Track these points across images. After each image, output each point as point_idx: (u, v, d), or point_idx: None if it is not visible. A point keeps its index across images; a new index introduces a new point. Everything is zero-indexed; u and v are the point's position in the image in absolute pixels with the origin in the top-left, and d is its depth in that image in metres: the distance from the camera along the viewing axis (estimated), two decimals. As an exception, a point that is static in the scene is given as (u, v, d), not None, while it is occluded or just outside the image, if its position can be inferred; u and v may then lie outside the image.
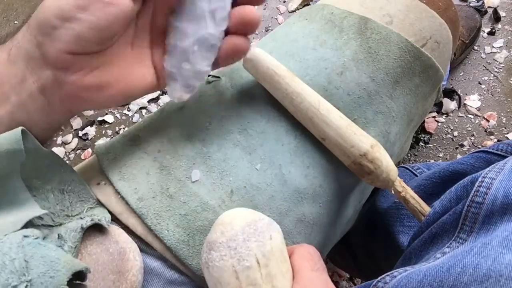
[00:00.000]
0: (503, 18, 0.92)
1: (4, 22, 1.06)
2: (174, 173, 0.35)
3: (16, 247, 0.26)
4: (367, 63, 0.39)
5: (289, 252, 0.30)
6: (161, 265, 0.35)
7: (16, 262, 0.25)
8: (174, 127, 0.37)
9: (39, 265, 0.26)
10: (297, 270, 0.28)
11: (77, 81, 0.28)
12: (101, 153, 0.37)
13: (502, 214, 0.28)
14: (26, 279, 0.25)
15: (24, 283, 0.25)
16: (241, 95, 0.38)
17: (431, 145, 0.84)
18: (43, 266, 0.26)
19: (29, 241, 0.27)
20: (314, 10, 0.44)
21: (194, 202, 0.35)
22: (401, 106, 0.41)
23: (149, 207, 0.34)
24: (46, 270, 0.26)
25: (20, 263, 0.25)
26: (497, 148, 0.41)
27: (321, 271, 0.28)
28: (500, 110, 0.85)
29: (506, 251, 0.26)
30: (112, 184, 0.35)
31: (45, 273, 0.26)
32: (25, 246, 0.27)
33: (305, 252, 0.29)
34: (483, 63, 0.89)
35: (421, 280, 0.29)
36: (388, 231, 0.51)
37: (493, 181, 0.30)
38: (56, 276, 0.26)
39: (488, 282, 0.25)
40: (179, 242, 0.34)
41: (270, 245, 0.26)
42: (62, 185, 0.33)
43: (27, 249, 0.26)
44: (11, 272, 0.25)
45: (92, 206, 0.34)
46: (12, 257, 0.25)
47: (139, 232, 0.34)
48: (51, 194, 0.32)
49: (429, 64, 0.42)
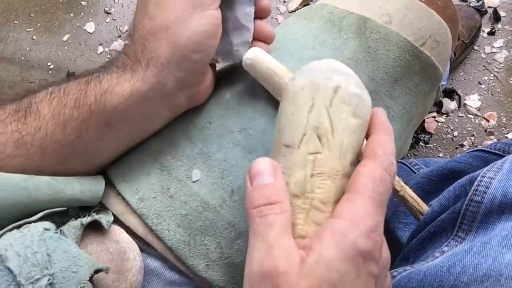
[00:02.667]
0: (503, 18, 0.92)
1: (4, 22, 1.06)
2: (174, 173, 0.35)
3: (38, 240, 0.26)
4: (366, 62, 0.39)
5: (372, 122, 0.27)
6: (162, 265, 0.35)
7: (39, 256, 0.25)
8: (174, 127, 0.37)
9: (61, 260, 0.26)
10: (357, 189, 0.24)
11: (204, 88, 0.35)
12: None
13: (500, 213, 0.29)
14: (49, 273, 0.25)
15: (46, 276, 0.25)
16: (241, 95, 0.38)
17: (431, 145, 0.84)
18: (66, 261, 0.26)
19: (50, 234, 0.27)
20: (314, 10, 0.44)
21: (194, 202, 0.35)
22: (400, 105, 0.41)
23: (150, 207, 0.34)
24: (69, 265, 0.26)
25: (42, 256, 0.25)
26: (495, 147, 0.41)
27: (382, 204, 0.24)
28: (500, 110, 0.85)
29: (505, 250, 0.26)
30: (113, 185, 0.35)
31: (68, 268, 0.26)
32: (47, 239, 0.27)
33: (377, 174, 0.24)
34: (483, 63, 0.89)
35: (421, 280, 0.29)
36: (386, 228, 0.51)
37: (491, 180, 0.30)
38: (79, 271, 0.26)
39: (488, 281, 0.25)
40: (180, 242, 0.34)
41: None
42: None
43: (49, 243, 0.26)
44: (34, 265, 0.25)
45: (97, 209, 0.34)
46: (34, 250, 0.25)
47: (140, 232, 0.34)
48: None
49: (429, 63, 0.42)
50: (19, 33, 1.05)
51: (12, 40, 1.05)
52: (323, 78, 0.26)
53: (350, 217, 0.23)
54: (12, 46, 1.04)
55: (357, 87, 0.26)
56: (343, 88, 0.25)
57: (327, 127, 0.25)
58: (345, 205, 0.23)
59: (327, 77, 0.26)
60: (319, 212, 0.25)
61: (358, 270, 0.22)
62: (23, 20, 1.07)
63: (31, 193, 0.28)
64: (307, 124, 0.25)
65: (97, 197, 0.32)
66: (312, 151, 0.25)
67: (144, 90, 0.30)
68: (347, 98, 0.25)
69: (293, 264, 0.22)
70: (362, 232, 0.22)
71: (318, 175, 0.25)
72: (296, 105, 0.26)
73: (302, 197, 0.25)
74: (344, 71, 0.27)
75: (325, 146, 0.25)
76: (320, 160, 0.25)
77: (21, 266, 0.24)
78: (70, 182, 0.30)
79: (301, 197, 0.25)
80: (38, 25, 1.06)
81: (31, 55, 1.03)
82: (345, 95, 0.25)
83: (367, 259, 0.22)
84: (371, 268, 0.23)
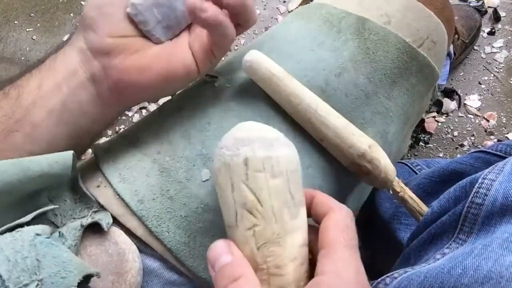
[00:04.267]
0: (503, 18, 0.92)
1: (4, 22, 1.06)
2: (174, 175, 0.35)
3: (28, 245, 0.26)
4: (365, 64, 0.39)
5: (316, 198, 0.28)
6: (161, 266, 0.35)
7: (28, 261, 0.25)
8: (173, 128, 0.37)
9: (51, 265, 0.26)
10: (330, 243, 0.25)
11: (119, 64, 0.32)
12: (100, 154, 0.37)
13: (501, 216, 0.28)
14: (38, 278, 0.25)
15: (35, 282, 0.25)
16: (240, 96, 0.38)
17: (431, 145, 0.84)
18: (55, 266, 0.26)
19: (41, 239, 0.27)
20: (312, 10, 0.44)
21: (194, 204, 0.35)
22: (398, 106, 0.41)
23: (149, 209, 0.34)
24: (58, 271, 0.26)
25: (32, 261, 0.25)
26: (496, 149, 0.41)
27: (355, 248, 0.26)
28: (500, 110, 0.85)
29: (506, 252, 0.26)
30: (112, 186, 0.35)
31: (57, 273, 0.26)
32: (37, 245, 0.27)
33: (342, 223, 0.26)
34: (483, 63, 0.89)
35: (422, 282, 0.29)
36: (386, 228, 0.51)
37: (492, 182, 0.30)
38: (68, 277, 0.26)
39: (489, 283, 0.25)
40: (180, 243, 0.34)
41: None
42: (75, 196, 0.34)
43: (39, 248, 0.27)
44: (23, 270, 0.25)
45: (96, 210, 0.34)
46: (24, 255, 0.26)
47: (139, 233, 0.34)
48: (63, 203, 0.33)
49: (425, 64, 0.42)
50: (19, 33, 1.05)
51: (12, 40, 1.05)
52: (231, 155, 0.26)
53: (332, 271, 0.24)
54: (12, 46, 1.04)
55: (265, 150, 0.26)
56: (251, 158, 0.26)
57: (252, 200, 0.25)
58: (324, 262, 0.25)
59: (234, 154, 0.26)
60: (279, 276, 0.25)
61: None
62: (23, 20, 1.06)
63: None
64: (235, 204, 0.26)
65: (67, 167, 0.31)
66: (249, 226, 0.26)
67: (65, 48, 0.33)
68: (259, 165, 0.26)
69: None
70: (346, 281, 0.24)
71: (263, 246, 0.25)
72: (220, 188, 0.27)
73: (258, 270, 0.25)
74: (250, 137, 0.27)
75: (258, 217, 0.26)
76: (259, 232, 0.25)
77: (10, 271, 0.25)
78: (35, 159, 0.30)
79: (257, 271, 0.25)
80: (38, 25, 1.06)
81: (31, 55, 1.03)
82: (256, 163, 0.26)
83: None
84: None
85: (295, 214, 0.27)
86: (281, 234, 0.26)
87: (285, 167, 0.27)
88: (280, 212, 0.26)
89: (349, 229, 0.26)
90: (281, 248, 0.25)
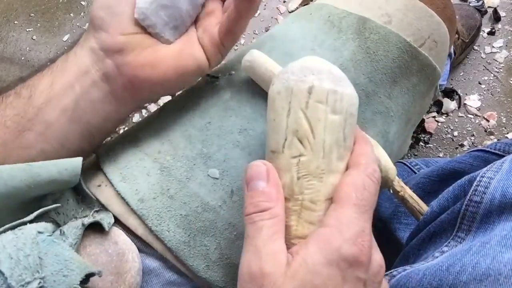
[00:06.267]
0: (503, 18, 0.92)
1: (4, 22, 1.06)
2: (174, 174, 0.35)
3: (31, 243, 0.26)
4: (366, 63, 0.39)
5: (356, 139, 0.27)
6: (161, 265, 0.35)
7: (31, 259, 0.26)
8: (173, 128, 0.37)
9: (53, 263, 0.26)
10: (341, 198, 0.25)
11: (133, 61, 0.32)
12: (101, 154, 0.38)
13: (500, 213, 0.29)
14: (40, 276, 0.25)
15: (37, 279, 0.25)
16: (241, 96, 0.38)
17: (431, 145, 0.84)
18: (57, 264, 0.26)
19: (43, 237, 0.27)
20: (313, 10, 0.44)
21: (194, 203, 0.35)
22: (399, 105, 0.41)
23: (149, 208, 0.34)
24: (60, 269, 0.26)
25: (34, 259, 0.26)
26: (495, 148, 0.41)
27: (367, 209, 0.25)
28: (500, 110, 0.85)
29: (505, 250, 0.26)
30: (112, 186, 0.35)
31: (59, 271, 0.26)
32: (40, 242, 0.27)
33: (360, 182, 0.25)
34: (483, 63, 0.89)
35: (420, 279, 0.30)
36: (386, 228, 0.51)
37: (491, 180, 0.30)
38: (70, 275, 0.26)
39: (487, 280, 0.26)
40: (180, 243, 0.34)
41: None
42: (77, 196, 0.35)
43: (42, 246, 0.27)
44: (25, 268, 0.25)
45: (98, 210, 0.34)
46: (26, 253, 0.26)
47: (139, 232, 0.34)
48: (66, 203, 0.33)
49: (426, 63, 0.42)
50: (19, 33, 1.05)
51: (12, 40, 1.05)
52: (295, 81, 0.26)
53: (334, 225, 0.24)
54: (12, 46, 1.04)
55: (332, 83, 0.26)
56: (316, 87, 0.25)
57: (306, 129, 0.25)
58: (330, 214, 0.25)
59: (300, 79, 0.26)
60: (311, 211, 0.25)
61: (344, 275, 0.23)
62: (23, 20, 1.07)
63: (7, 181, 0.28)
64: (287, 129, 0.26)
65: (76, 175, 0.31)
66: (295, 155, 0.25)
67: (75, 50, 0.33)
68: (322, 96, 0.25)
69: (279, 266, 0.23)
70: (346, 238, 0.23)
71: (304, 177, 0.25)
72: (274, 111, 0.27)
73: (292, 199, 0.25)
74: (320, 68, 0.27)
75: (307, 147, 0.25)
76: (304, 162, 0.25)
77: (12, 268, 0.25)
78: (45, 165, 0.30)
79: (291, 200, 0.25)
80: (38, 25, 1.06)
81: (31, 55, 1.03)
82: (320, 94, 0.25)
83: (353, 265, 0.23)
84: (357, 273, 0.23)
85: (342, 157, 0.26)
86: (325, 170, 0.25)
87: (346, 106, 0.26)
88: (330, 149, 0.25)
89: (366, 190, 0.25)
90: (321, 184, 0.25)
